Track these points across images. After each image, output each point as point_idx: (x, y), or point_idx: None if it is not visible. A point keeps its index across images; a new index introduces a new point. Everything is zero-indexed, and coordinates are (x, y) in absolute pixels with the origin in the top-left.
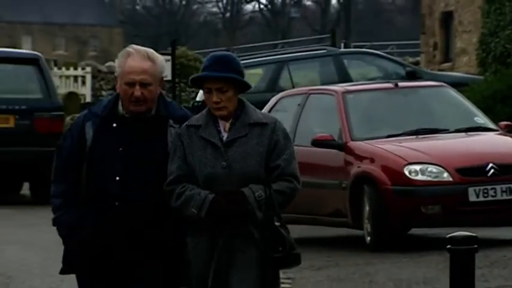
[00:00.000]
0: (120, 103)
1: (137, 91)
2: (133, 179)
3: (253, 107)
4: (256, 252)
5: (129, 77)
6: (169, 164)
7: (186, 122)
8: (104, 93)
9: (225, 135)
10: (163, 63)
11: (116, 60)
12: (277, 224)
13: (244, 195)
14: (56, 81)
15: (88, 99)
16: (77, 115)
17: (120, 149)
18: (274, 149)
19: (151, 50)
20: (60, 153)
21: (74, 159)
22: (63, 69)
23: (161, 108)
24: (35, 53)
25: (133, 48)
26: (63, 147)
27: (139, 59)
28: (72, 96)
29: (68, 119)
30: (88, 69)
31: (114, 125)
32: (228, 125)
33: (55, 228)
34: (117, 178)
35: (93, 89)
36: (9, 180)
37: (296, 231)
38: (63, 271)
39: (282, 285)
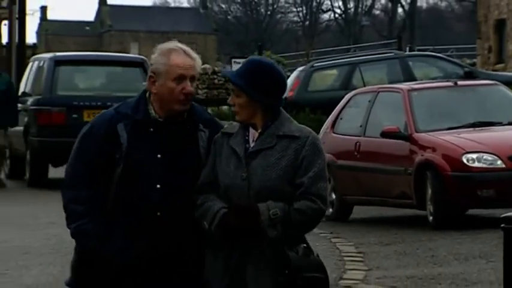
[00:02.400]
0: (150, 106)
1: (189, 86)
2: (174, 187)
3: (290, 119)
4: (269, 275)
5: (178, 71)
6: (202, 172)
7: (222, 129)
8: (199, 91)
9: (251, 145)
10: (200, 63)
11: (154, 58)
12: (303, 245)
13: (257, 211)
14: None
15: None
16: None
17: (159, 155)
18: (301, 164)
19: (188, 47)
20: (81, 156)
21: (100, 163)
22: None
23: (191, 112)
24: (141, 57)
25: (174, 44)
26: (85, 150)
27: (184, 55)
28: None
29: None
30: None
31: (151, 129)
32: (256, 134)
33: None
34: (158, 186)
35: None
36: None
37: (367, 211)
38: (73, 284)
39: (355, 259)
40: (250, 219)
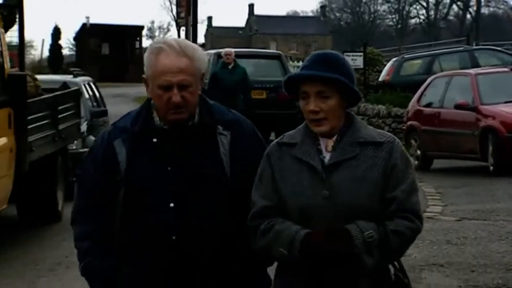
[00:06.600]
0: (154, 113)
1: (176, 96)
2: (191, 204)
3: (364, 124)
4: None
5: (163, 78)
6: (253, 192)
7: (277, 139)
8: None
9: (327, 156)
10: (204, 56)
11: (144, 58)
12: (396, 272)
13: (349, 234)
14: (291, 69)
15: None
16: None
17: (169, 168)
18: (390, 175)
19: (186, 42)
20: (81, 186)
21: (100, 189)
22: (295, 62)
23: (205, 113)
24: (278, 52)
25: (165, 42)
26: (84, 178)
27: (174, 56)
28: None
29: None
30: None
31: (155, 140)
32: (331, 143)
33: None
34: (172, 204)
35: None
36: (262, 132)
37: (444, 163)
38: None
39: (435, 198)
40: (342, 243)
